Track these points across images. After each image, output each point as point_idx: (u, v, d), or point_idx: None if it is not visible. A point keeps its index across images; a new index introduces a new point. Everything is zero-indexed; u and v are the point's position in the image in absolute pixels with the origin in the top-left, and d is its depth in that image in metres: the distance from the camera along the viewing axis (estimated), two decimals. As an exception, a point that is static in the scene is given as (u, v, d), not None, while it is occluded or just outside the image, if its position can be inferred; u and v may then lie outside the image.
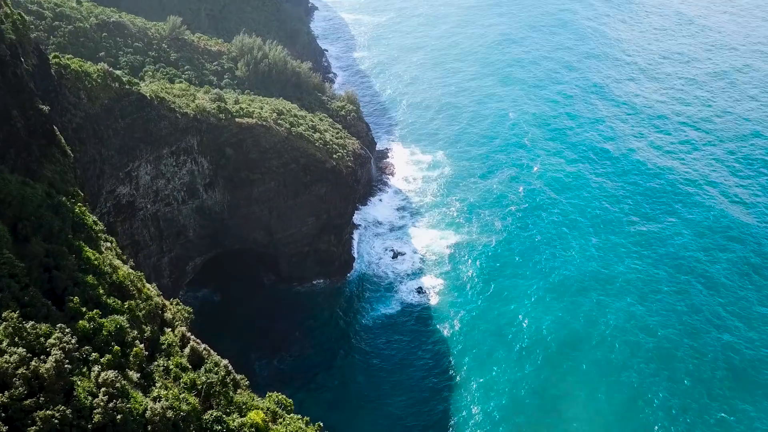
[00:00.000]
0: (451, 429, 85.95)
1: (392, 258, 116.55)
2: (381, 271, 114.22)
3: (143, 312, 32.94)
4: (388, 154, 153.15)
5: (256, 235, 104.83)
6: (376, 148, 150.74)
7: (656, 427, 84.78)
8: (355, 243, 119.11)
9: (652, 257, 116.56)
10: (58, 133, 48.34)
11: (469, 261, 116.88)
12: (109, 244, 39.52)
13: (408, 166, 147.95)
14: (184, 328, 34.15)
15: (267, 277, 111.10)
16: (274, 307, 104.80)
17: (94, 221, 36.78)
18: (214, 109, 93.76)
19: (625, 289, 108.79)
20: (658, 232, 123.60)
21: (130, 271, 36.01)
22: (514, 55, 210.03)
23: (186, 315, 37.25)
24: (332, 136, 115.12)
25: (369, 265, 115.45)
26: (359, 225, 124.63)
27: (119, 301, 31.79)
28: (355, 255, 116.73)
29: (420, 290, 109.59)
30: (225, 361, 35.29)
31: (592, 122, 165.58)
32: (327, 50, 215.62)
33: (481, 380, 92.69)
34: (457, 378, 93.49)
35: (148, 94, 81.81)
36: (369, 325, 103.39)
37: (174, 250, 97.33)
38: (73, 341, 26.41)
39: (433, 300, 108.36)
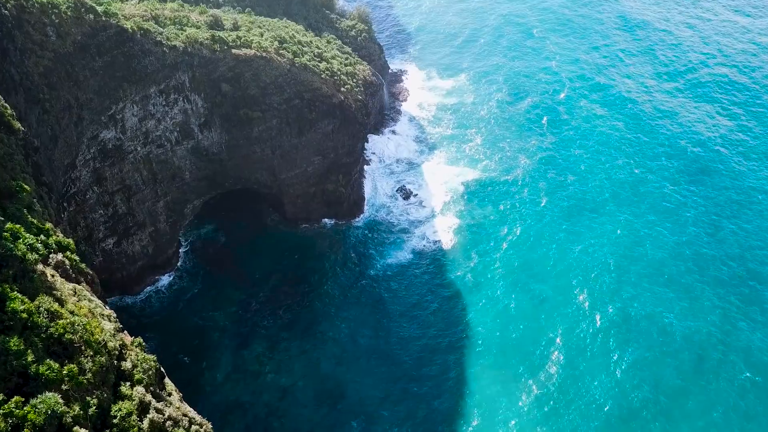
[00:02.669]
0: (463, 385, 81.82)
1: (404, 198, 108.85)
2: (393, 212, 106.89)
3: (90, 375, 26.34)
4: (402, 78, 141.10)
5: (258, 176, 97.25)
6: (389, 70, 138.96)
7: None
8: (365, 181, 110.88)
9: (683, 201, 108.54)
10: (1, 101, 39.99)
11: (488, 200, 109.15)
12: (60, 257, 32.35)
13: (424, 92, 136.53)
14: (142, 390, 27.51)
15: (271, 217, 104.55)
16: (278, 250, 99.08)
17: (29, 245, 29.32)
18: (207, 39, 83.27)
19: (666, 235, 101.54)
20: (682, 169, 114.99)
21: (80, 312, 28.82)
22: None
23: (151, 364, 30.59)
24: (340, 63, 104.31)
25: (380, 206, 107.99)
26: (370, 160, 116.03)
27: (57, 366, 25.17)
28: (366, 195, 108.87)
29: (434, 233, 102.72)
30: (200, 424, 28.93)
31: (623, 52, 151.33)
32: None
33: (498, 334, 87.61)
34: (471, 330, 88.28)
35: (129, 27, 71.64)
36: (379, 272, 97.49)
37: (170, 194, 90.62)
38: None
39: (448, 244, 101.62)
